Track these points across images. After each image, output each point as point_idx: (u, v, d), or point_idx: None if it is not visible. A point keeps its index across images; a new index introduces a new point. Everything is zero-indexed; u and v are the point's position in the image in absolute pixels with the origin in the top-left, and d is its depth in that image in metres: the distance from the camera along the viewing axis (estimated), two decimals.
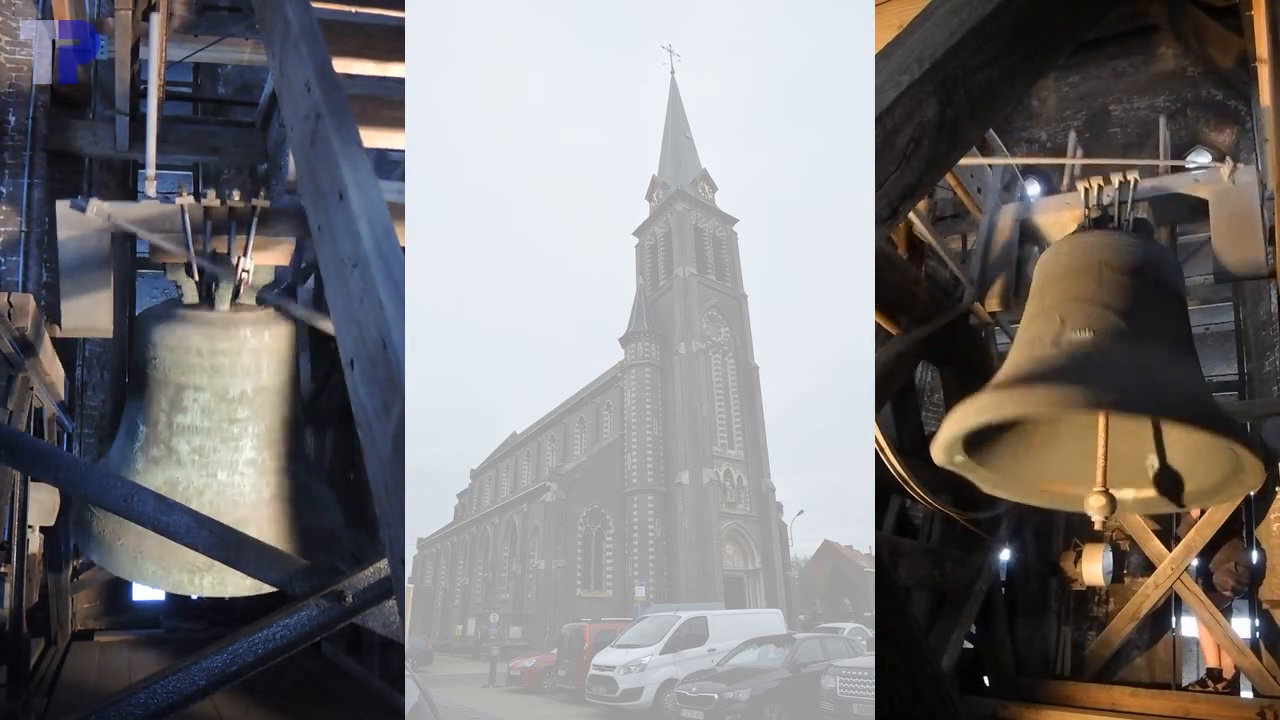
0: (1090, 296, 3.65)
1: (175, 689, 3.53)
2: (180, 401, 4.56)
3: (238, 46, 7.70)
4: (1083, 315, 3.52)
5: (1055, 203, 5.14)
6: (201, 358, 4.52)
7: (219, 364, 4.53)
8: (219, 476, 4.62)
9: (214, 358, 4.52)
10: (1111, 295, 3.65)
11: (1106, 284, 3.71)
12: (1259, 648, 5.19)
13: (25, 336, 4.98)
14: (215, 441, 4.60)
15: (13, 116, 8.03)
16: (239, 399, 4.59)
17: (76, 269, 4.41)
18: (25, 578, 5.77)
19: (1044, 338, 3.52)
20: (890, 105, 2.47)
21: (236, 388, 4.57)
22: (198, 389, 4.53)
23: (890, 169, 2.51)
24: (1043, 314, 3.74)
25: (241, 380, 4.56)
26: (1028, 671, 5.88)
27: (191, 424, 4.57)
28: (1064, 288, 3.76)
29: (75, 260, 4.39)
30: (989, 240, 5.29)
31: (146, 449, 4.67)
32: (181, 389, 4.54)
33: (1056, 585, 6.01)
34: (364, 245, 2.33)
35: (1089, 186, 4.51)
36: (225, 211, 4.40)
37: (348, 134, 2.71)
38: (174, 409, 4.58)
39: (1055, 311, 3.60)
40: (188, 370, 4.51)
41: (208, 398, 4.55)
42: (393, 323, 2.13)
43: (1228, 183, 4.55)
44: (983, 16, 2.60)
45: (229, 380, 4.55)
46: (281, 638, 3.71)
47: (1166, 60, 8.83)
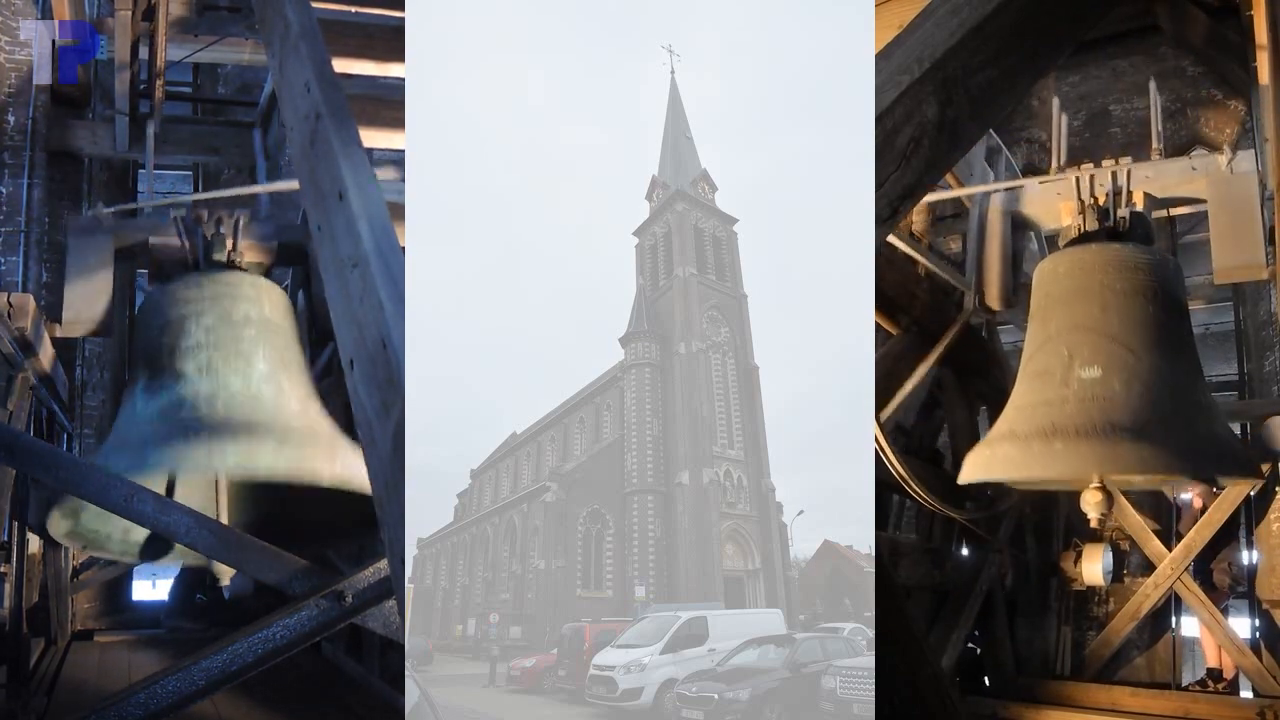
0: (1095, 326, 3.71)
1: (175, 689, 3.53)
2: (183, 327, 4.19)
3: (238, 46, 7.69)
4: (1090, 350, 3.61)
5: (1045, 192, 5.04)
6: (200, 289, 4.33)
7: (219, 292, 4.33)
8: (232, 385, 4.11)
9: (213, 287, 4.35)
10: (1117, 324, 3.71)
11: (1111, 311, 3.76)
12: (1259, 648, 5.19)
13: (25, 336, 4.98)
14: (223, 355, 4.17)
15: (13, 116, 8.03)
16: (244, 321, 4.26)
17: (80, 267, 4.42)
18: (25, 578, 5.77)
19: (1052, 373, 3.63)
20: (890, 105, 2.48)
21: (240, 312, 4.27)
22: (199, 315, 4.23)
23: (890, 169, 2.51)
24: (1049, 343, 3.79)
25: (244, 306, 4.31)
26: (1028, 671, 5.88)
27: (196, 343, 4.15)
28: (1068, 315, 3.82)
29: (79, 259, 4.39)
30: (981, 234, 5.25)
31: (149, 390, 4.21)
32: (183, 320, 4.22)
33: (1056, 585, 6.01)
34: (364, 245, 2.33)
35: (1079, 175, 4.47)
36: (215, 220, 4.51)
37: (348, 134, 2.71)
38: (177, 336, 4.19)
39: (1061, 343, 3.68)
40: (185, 303, 4.27)
41: (211, 319, 4.23)
42: (393, 323, 2.13)
43: (1225, 171, 4.50)
44: (983, 16, 2.60)
45: (231, 305, 4.28)
46: (281, 638, 3.70)
47: (1166, 60, 8.83)
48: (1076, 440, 3.29)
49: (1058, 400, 3.54)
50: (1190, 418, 3.59)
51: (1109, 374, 3.55)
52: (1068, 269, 4.04)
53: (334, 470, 3.80)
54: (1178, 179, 4.64)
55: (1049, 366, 3.71)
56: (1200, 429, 3.60)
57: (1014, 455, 3.33)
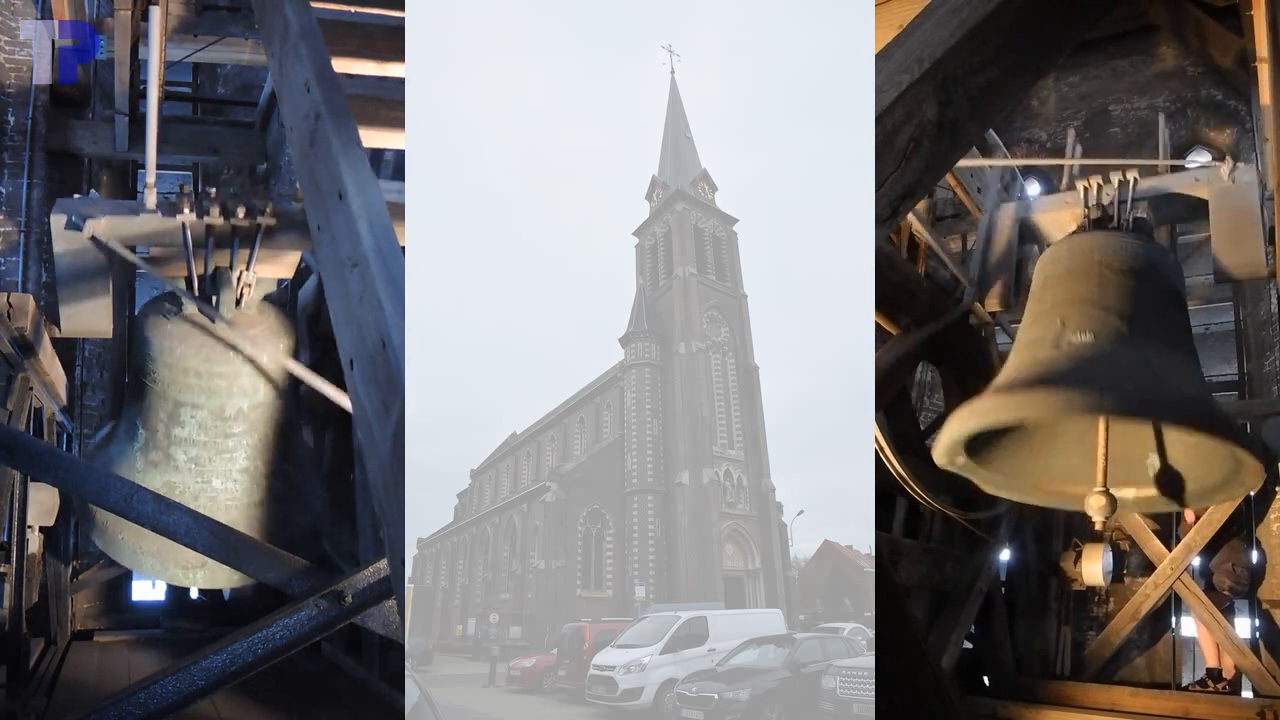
0: (1090, 299, 3.65)
1: (175, 689, 3.53)
2: (178, 416, 4.63)
3: (237, 46, 7.70)
4: (1083, 317, 3.53)
5: (1055, 202, 5.15)
6: (199, 379, 4.55)
7: (215, 386, 4.57)
8: (213, 483, 4.74)
9: (211, 380, 4.56)
10: (1111, 297, 3.65)
11: (1107, 286, 3.72)
12: (1259, 648, 5.19)
13: (25, 336, 4.98)
14: (210, 453, 4.71)
15: (12, 116, 8.03)
16: (235, 416, 4.66)
17: (72, 279, 4.39)
18: (25, 578, 5.77)
19: (1044, 340, 3.51)
20: (890, 105, 2.47)
21: (233, 406, 4.63)
22: (195, 407, 4.60)
23: (890, 169, 2.51)
24: (1043, 316, 3.75)
25: (238, 400, 4.63)
26: (1028, 671, 5.88)
27: (188, 437, 4.66)
28: (1064, 290, 3.77)
29: (71, 272, 4.35)
30: (988, 239, 5.29)
31: (146, 452, 4.76)
32: (179, 405, 4.60)
33: (1056, 585, 6.01)
34: (364, 245, 2.32)
35: (1089, 185, 4.50)
36: (228, 229, 4.27)
37: (347, 134, 2.71)
38: (172, 422, 4.65)
39: (1055, 314, 3.60)
40: (185, 389, 4.56)
41: (204, 415, 4.62)
42: (392, 323, 2.13)
43: (1227, 182, 4.54)
44: (983, 16, 2.60)
45: (225, 400, 4.61)
46: (281, 638, 3.71)
47: (1166, 60, 8.83)
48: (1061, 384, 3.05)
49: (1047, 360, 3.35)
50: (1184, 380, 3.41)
51: (1101, 340, 3.42)
52: (1067, 252, 4.04)
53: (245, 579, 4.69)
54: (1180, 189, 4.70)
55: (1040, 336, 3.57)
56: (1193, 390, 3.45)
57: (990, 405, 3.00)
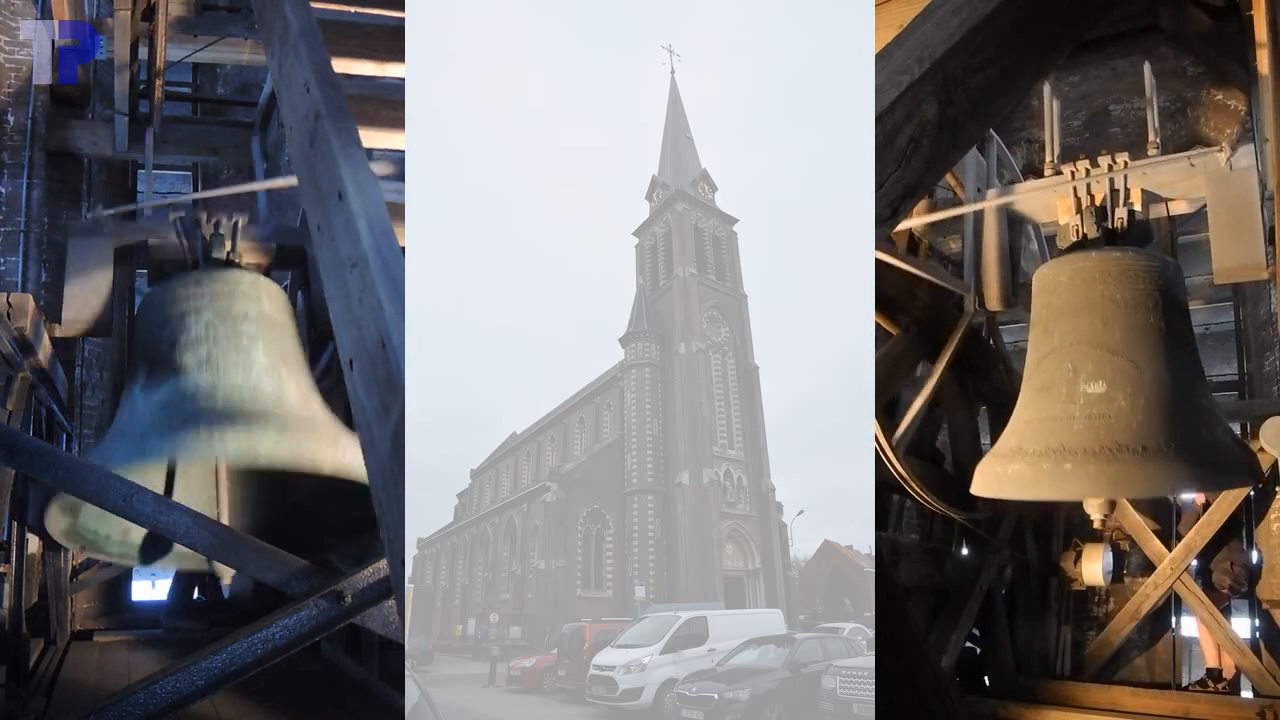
0: (1098, 340, 3.87)
1: (174, 689, 3.53)
2: (183, 323, 4.19)
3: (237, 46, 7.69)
4: (1094, 364, 3.81)
5: (1040, 188, 4.96)
6: (200, 286, 4.34)
7: (218, 290, 4.34)
8: (233, 378, 4.12)
9: (213, 285, 4.35)
10: (1119, 338, 3.87)
11: (1113, 324, 3.89)
12: (1259, 648, 5.18)
13: (25, 336, 4.98)
14: (224, 349, 4.17)
15: (12, 116, 8.03)
16: (243, 317, 4.27)
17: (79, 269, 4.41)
18: (25, 578, 5.77)
19: (1058, 388, 3.82)
20: (890, 105, 2.47)
21: (239, 308, 4.28)
22: (199, 311, 4.24)
23: (890, 169, 2.51)
24: (1052, 356, 3.92)
25: (243, 303, 4.32)
26: (1028, 671, 5.88)
27: (196, 338, 4.15)
28: (1071, 327, 3.98)
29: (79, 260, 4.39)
30: (978, 232, 5.23)
31: (148, 384, 4.22)
32: (182, 316, 4.23)
33: (1056, 585, 6.01)
34: (363, 245, 2.32)
35: (1075, 169, 4.47)
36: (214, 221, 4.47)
37: (347, 134, 2.71)
38: (177, 332, 4.19)
39: (1065, 357, 3.87)
40: (184, 301, 4.28)
41: (210, 315, 4.23)
42: (392, 323, 2.13)
43: (1225, 168, 4.48)
44: (983, 16, 2.60)
45: (230, 302, 4.29)
46: (281, 638, 3.70)
47: (1166, 60, 8.82)
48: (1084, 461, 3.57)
49: (1064, 417, 3.75)
50: (1193, 427, 3.75)
51: (1113, 389, 3.73)
52: (1069, 279, 4.08)
53: (335, 457, 3.79)
54: (1176, 176, 4.64)
55: (1053, 381, 3.89)
56: (1204, 438, 3.76)
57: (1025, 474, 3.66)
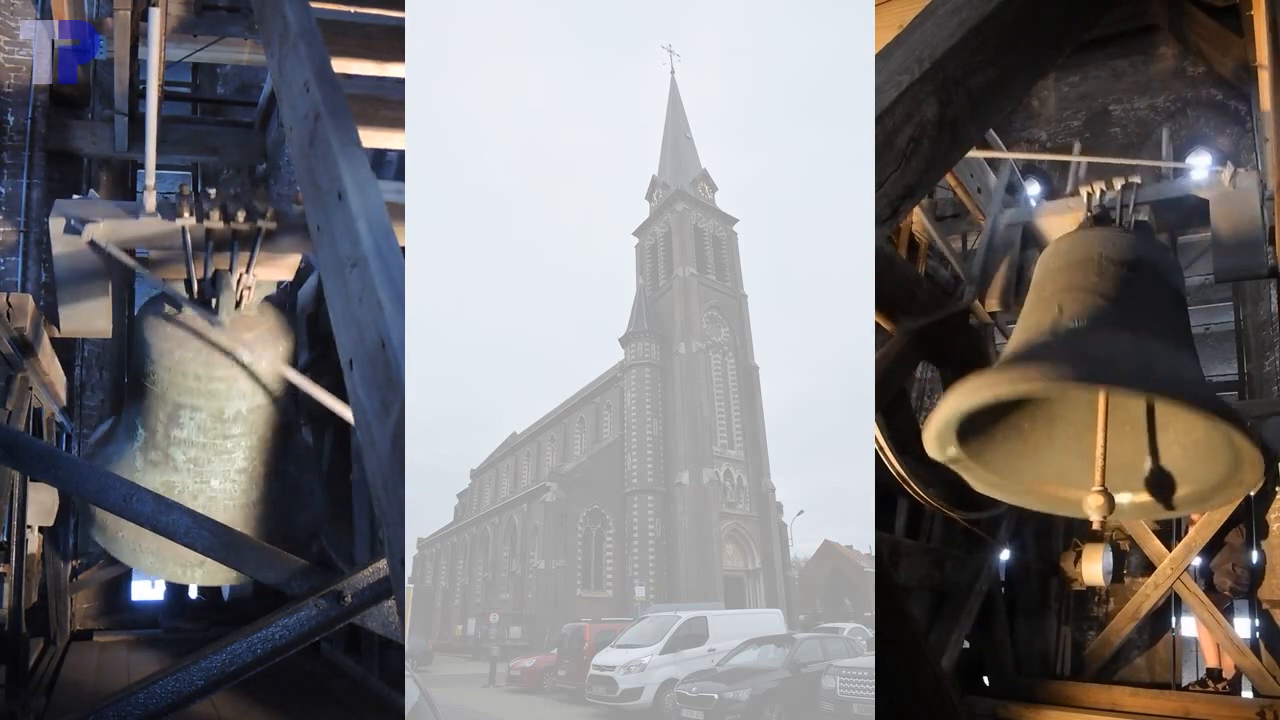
0: (1089, 287, 3.66)
1: (174, 689, 3.53)
2: (177, 418, 4.66)
3: (237, 46, 7.70)
4: (1081, 304, 3.53)
5: (1058, 207, 5.16)
6: (199, 382, 4.57)
7: (214, 389, 4.60)
8: (212, 484, 4.79)
9: (210, 383, 4.58)
10: (1111, 286, 3.66)
11: (1106, 276, 3.72)
12: (1259, 648, 5.19)
13: (24, 336, 4.98)
14: (209, 454, 4.74)
15: (12, 116, 8.03)
16: (233, 419, 4.69)
17: (71, 280, 4.38)
18: (25, 578, 5.77)
19: (1042, 325, 3.52)
20: (890, 105, 2.47)
21: (231, 409, 4.66)
22: (194, 409, 4.63)
23: (890, 169, 2.51)
24: (1041, 304, 3.76)
25: (236, 402, 4.65)
26: (1028, 671, 5.88)
27: (188, 438, 4.70)
28: (1063, 279, 3.77)
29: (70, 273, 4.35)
30: (991, 242, 5.30)
31: (145, 452, 4.79)
32: (179, 408, 4.63)
33: (1056, 585, 6.01)
34: (363, 245, 2.32)
35: (1091, 190, 4.52)
36: (228, 232, 4.26)
37: (347, 134, 2.71)
38: (171, 423, 4.68)
39: (1054, 301, 3.60)
40: (184, 392, 4.59)
41: (203, 417, 4.65)
42: (392, 323, 2.13)
43: (1229, 188, 4.55)
44: (983, 16, 2.59)
45: (224, 403, 4.64)
46: (280, 638, 3.71)
47: (1166, 60, 8.83)
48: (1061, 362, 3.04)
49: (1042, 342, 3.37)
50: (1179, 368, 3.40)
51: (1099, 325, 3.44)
52: (1068, 246, 4.06)
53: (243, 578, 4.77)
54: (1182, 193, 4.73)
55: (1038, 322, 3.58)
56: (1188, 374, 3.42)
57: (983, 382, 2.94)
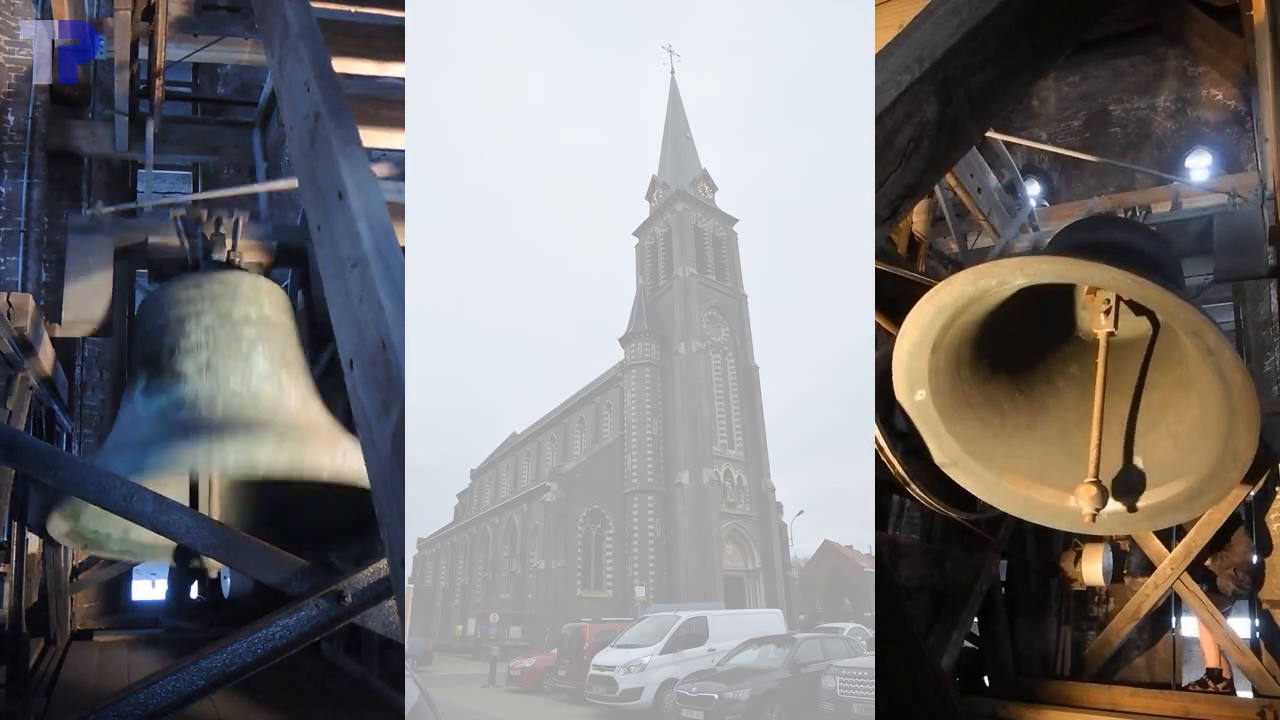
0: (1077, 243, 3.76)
1: (174, 689, 3.53)
2: (183, 328, 4.23)
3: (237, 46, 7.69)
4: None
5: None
6: (200, 288, 4.36)
7: (218, 291, 4.35)
8: (232, 384, 4.15)
9: (213, 286, 4.37)
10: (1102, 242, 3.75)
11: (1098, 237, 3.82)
12: (1259, 648, 5.18)
13: (25, 336, 4.98)
14: (223, 355, 4.19)
15: (12, 116, 8.04)
16: (243, 320, 4.30)
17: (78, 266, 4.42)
18: (25, 578, 5.77)
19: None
20: (890, 105, 2.47)
21: (239, 311, 4.31)
22: (199, 314, 4.27)
23: (890, 169, 2.51)
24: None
25: (243, 306, 4.35)
26: (1028, 671, 5.88)
27: (196, 343, 4.19)
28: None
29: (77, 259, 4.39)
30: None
31: (148, 388, 4.24)
32: (182, 320, 4.26)
33: (1056, 585, 6.01)
34: (363, 245, 2.32)
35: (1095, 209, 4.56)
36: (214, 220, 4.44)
37: (347, 134, 2.71)
38: (177, 337, 4.22)
39: None
40: (185, 304, 4.30)
41: (211, 319, 4.26)
42: (392, 323, 2.13)
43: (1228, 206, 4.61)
44: (983, 16, 2.59)
45: (230, 304, 4.32)
46: (281, 638, 3.70)
47: (1166, 60, 8.83)
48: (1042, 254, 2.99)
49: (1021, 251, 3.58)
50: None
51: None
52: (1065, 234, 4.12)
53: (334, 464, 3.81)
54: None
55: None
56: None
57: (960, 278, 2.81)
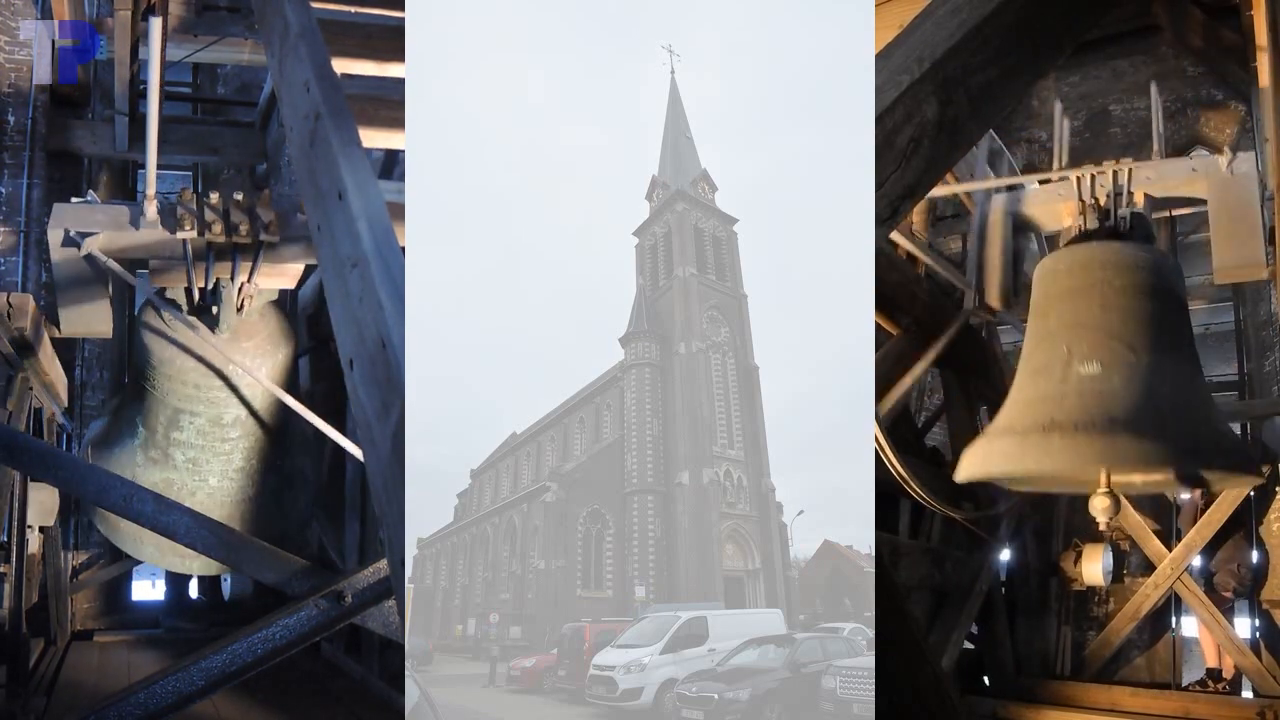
0: (1095, 323, 3.73)
1: (174, 689, 3.53)
2: (177, 421, 4.77)
3: (237, 46, 7.70)
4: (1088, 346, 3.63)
5: (1047, 194, 5.01)
6: (198, 390, 4.65)
7: (213, 397, 4.69)
8: (210, 481, 4.90)
9: (209, 391, 4.67)
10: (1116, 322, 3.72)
11: (1111, 308, 3.77)
12: (1259, 648, 5.18)
13: (25, 336, 4.98)
14: (208, 456, 4.85)
15: (12, 116, 8.04)
16: (232, 423, 4.80)
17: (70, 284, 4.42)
18: (25, 578, 5.77)
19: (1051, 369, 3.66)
20: (890, 105, 2.47)
21: (230, 414, 4.77)
22: (193, 415, 4.73)
23: (890, 169, 2.51)
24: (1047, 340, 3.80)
25: (235, 409, 4.76)
26: (1028, 671, 5.87)
27: (187, 440, 4.81)
28: (1067, 311, 3.83)
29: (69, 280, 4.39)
30: (982, 235, 5.24)
31: (145, 449, 4.88)
32: (178, 412, 4.73)
33: (1056, 585, 6.01)
34: (364, 245, 2.32)
35: (1081, 176, 4.46)
36: (229, 245, 4.25)
37: (347, 134, 2.71)
38: (171, 426, 4.77)
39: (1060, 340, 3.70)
40: (184, 399, 4.68)
41: (202, 422, 4.75)
42: (392, 323, 2.13)
43: (1226, 173, 4.48)
44: (983, 16, 2.60)
45: (223, 409, 4.75)
46: (281, 638, 3.71)
47: (1166, 60, 8.83)
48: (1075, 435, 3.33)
49: (1056, 395, 3.57)
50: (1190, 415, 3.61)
51: (1109, 370, 3.57)
52: (1068, 267, 4.04)
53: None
54: (1178, 180, 4.63)
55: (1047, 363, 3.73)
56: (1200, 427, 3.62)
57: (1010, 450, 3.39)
